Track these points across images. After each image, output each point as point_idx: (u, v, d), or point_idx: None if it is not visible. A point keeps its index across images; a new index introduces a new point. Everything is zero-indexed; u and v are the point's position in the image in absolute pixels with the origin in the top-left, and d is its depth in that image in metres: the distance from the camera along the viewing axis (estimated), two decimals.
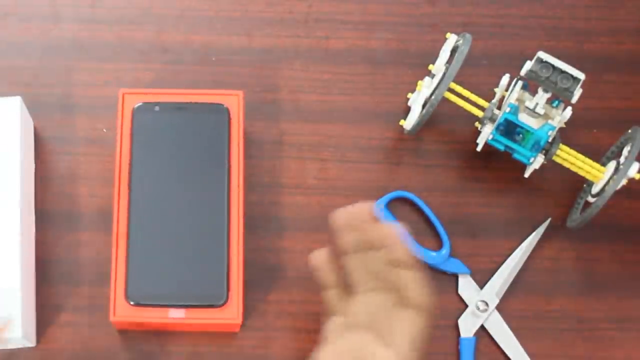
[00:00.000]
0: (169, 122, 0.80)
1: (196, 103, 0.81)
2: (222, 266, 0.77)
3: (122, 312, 0.76)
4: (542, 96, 0.78)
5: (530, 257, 0.85)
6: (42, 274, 0.82)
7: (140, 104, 0.81)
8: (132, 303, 0.76)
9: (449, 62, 0.83)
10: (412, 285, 0.68)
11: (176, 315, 0.76)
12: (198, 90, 0.82)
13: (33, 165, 0.84)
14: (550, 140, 0.80)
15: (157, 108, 0.81)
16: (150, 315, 0.76)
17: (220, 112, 0.81)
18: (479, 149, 0.83)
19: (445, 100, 0.88)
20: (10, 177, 0.78)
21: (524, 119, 0.79)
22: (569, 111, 0.81)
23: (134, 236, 0.77)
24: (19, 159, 0.79)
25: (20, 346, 0.79)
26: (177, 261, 0.77)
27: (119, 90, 0.82)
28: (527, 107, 0.79)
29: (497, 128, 0.80)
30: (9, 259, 0.76)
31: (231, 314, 0.76)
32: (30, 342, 0.78)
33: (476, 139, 0.87)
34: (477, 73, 0.89)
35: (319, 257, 0.73)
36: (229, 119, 0.81)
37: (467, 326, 0.82)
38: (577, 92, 0.77)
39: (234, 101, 0.82)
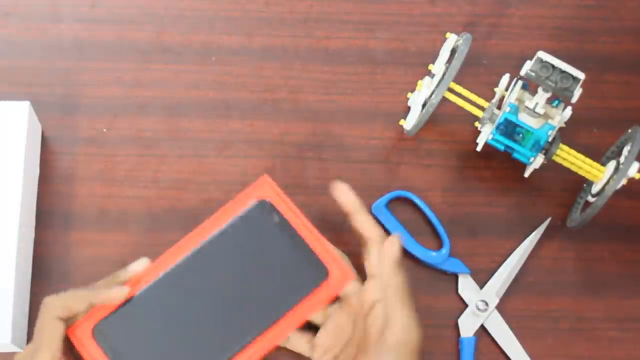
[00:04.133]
0: (259, 235, 0.70)
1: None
2: None
3: (80, 333, 0.67)
4: (542, 96, 0.78)
5: (530, 257, 0.85)
6: (40, 273, 0.82)
7: (266, 201, 0.71)
8: (94, 337, 0.68)
9: (449, 62, 0.83)
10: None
11: None
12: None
13: (37, 170, 0.84)
14: (550, 140, 0.80)
15: (275, 218, 0.70)
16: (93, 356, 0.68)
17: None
18: (479, 148, 0.83)
19: (445, 100, 0.88)
20: (12, 181, 0.78)
21: (524, 118, 0.79)
22: (568, 111, 0.81)
23: (143, 294, 0.69)
24: (23, 163, 0.79)
25: (8, 351, 0.78)
26: (164, 343, 0.68)
27: (264, 176, 0.72)
28: (527, 107, 0.79)
29: (497, 128, 0.80)
30: (4, 263, 0.76)
31: None
32: (20, 348, 0.77)
33: (476, 139, 0.87)
34: (477, 73, 0.89)
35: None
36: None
37: (467, 326, 0.82)
38: (577, 92, 0.77)
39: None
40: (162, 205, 0.85)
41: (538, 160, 0.81)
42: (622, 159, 0.79)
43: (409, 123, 0.83)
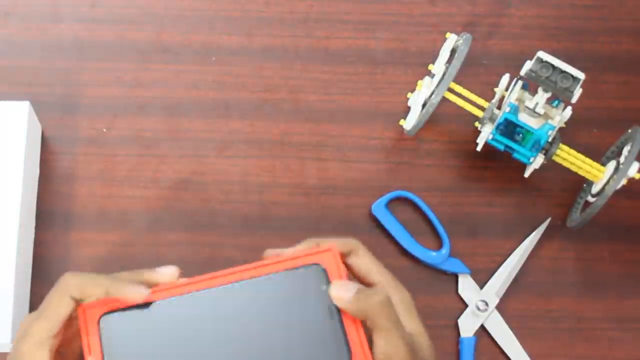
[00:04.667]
0: (300, 296, 0.66)
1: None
2: None
3: (89, 314, 0.64)
4: (542, 96, 0.78)
5: (530, 257, 0.85)
6: (40, 273, 0.82)
7: (321, 267, 0.66)
8: (99, 324, 0.65)
9: (449, 62, 0.83)
10: None
11: None
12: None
13: (37, 170, 0.84)
14: (550, 140, 0.80)
15: (323, 287, 0.65)
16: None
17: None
18: (479, 148, 0.83)
19: (445, 100, 0.88)
20: (12, 181, 0.78)
21: (524, 118, 0.79)
22: (568, 111, 0.81)
23: (161, 305, 0.65)
24: (23, 163, 0.79)
25: (9, 351, 0.78)
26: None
27: (333, 249, 0.66)
28: (527, 107, 0.79)
29: (497, 128, 0.80)
30: (4, 263, 0.76)
31: None
32: None
33: (476, 139, 0.87)
34: (477, 73, 0.90)
35: None
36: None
37: (467, 326, 0.82)
38: (577, 92, 0.77)
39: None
40: (162, 205, 0.85)
41: (538, 160, 0.81)
42: (622, 159, 0.80)
43: (409, 123, 0.83)
